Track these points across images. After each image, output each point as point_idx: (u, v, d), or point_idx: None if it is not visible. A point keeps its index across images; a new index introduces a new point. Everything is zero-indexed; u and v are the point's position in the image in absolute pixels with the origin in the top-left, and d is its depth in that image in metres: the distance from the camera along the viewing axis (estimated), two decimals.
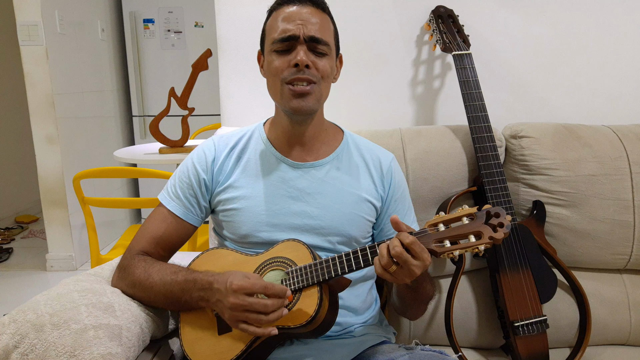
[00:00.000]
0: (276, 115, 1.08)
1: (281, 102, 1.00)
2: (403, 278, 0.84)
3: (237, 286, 0.85)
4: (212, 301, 0.90)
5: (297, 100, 0.97)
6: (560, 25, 1.50)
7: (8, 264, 3.04)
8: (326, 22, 1.00)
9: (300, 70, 0.95)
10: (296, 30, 0.95)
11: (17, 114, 3.77)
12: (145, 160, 2.29)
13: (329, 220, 1.03)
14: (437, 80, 1.54)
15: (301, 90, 0.96)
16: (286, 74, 0.96)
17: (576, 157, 1.30)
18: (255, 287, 0.85)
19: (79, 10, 3.04)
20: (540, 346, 1.21)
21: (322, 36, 0.97)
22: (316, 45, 0.96)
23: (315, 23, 0.97)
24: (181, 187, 1.06)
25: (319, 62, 0.97)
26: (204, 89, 3.08)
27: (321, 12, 0.99)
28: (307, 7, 0.98)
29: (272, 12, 1.02)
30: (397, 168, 1.13)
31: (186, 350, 0.96)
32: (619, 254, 1.31)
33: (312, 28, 0.96)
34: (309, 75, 0.96)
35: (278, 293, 0.85)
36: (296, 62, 0.95)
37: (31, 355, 0.82)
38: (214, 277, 0.91)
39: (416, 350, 0.96)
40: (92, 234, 2.00)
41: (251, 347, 0.92)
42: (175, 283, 0.95)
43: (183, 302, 0.95)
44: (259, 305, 0.84)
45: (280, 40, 0.96)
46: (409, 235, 0.82)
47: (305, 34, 0.95)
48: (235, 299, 0.85)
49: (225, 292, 0.87)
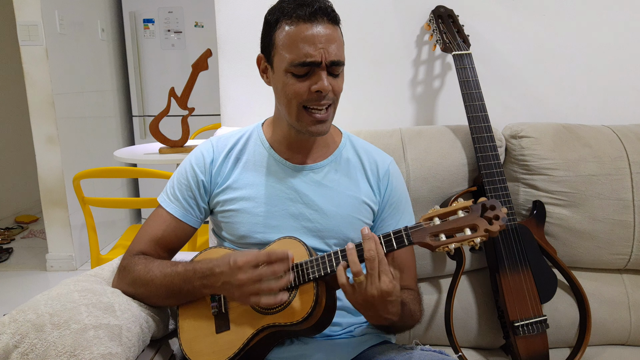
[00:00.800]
0: (277, 119, 1.07)
1: (297, 124, 0.99)
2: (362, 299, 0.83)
3: (242, 262, 0.87)
4: (217, 286, 0.91)
5: (317, 127, 0.97)
6: (560, 25, 1.50)
7: (8, 264, 3.04)
8: (341, 39, 0.97)
9: (322, 97, 0.94)
10: (318, 56, 0.91)
11: (17, 114, 3.77)
12: (145, 160, 2.29)
13: (327, 223, 1.03)
14: (437, 80, 1.54)
15: (322, 117, 0.96)
16: (306, 98, 0.94)
17: (576, 157, 1.30)
18: (259, 257, 0.87)
19: (79, 10, 3.04)
20: (540, 346, 1.21)
21: (341, 58, 0.95)
22: (335, 68, 0.94)
23: (335, 44, 0.93)
24: (180, 188, 1.06)
25: (335, 84, 0.96)
26: (204, 89, 3.08)
27: (337, 29, 0.96)
28: (324, 25, 0.92)
29: (280, 21, 0.95)
30: (395, 172, 1.12)
31: (185, 350, 0.97)
32: (619, 254, 1.31)
33: (332, 51, 0.92)
34: (327, 100, 0.95)
35: (280, 257, 0.87)
36: (319, 89, 0.92)
37: (31, 355, 0.82)
38: (213, 262, 0.92)
39: (416, 350, 0.96)
40: (92, 234, 2.01)
41: (249, 344, 0.92)
42: (175, 274, 0.96)
43: (185, 292, 0.96)
44: (269, 272, 0.86)
45: (301, 64, 0.92)
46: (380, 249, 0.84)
47: (327, 59, 0.92)
48: (244, 274, 0.87)
49: (230, 272, 0.88)
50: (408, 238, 0.84)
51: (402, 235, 0.85)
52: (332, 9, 0.95)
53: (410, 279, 1.08)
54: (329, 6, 0.94)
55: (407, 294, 1.03)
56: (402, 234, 0.85)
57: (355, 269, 0.82)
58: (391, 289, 0.82)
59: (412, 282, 1.09)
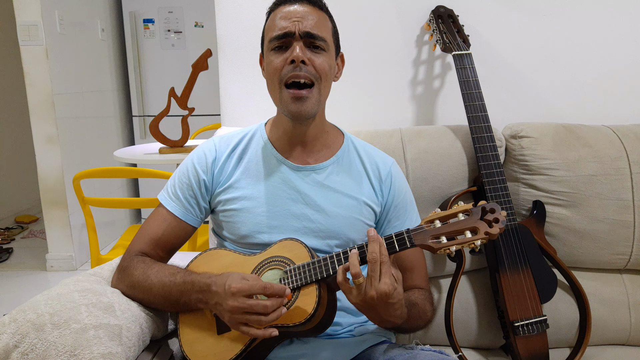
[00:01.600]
0: (277, 116, 1.08)
1: (281, 106, 1.00)
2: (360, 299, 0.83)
3: (235, 289, 0.85)
4: (211, 304, 0.90)
5: (296, 105, 0.97)
6: (560, 25, 1.50)
7: (8, 264, 3.04)
8: (323, 20, 1.00)
9: (297, 66, 0.95)
10: (292, 26, 0.95)
11: (17, 114, 3.77)
12: (145, 160, 2.29)
13: (329, 224, 1.03)
14: (437, 80, 1.54)
15: (298, 94, 0.96)
16: (284, 72, 0.96)
17: (576, 157, 1.30)
18: (254, 288, 0.85)
19: (79, 10, 3.04)
20: (540, 346, 1.21)
21: (319, 32, 0.97)
22: (313, 40, 0.96)
23: (311, 19, 0.97)
24: (181, 187, 1.07)
25: (316, 59, 0.97)
26: (204, 89, 3.08)
27: (318, 10, 0.99)
28: (304, 6, 0.98)
29: (270, 13, 1.02)
30: (397, 173, 1.12)
31: (185, 351, 0.97)
32: (619, 254, 1.31)
33: (307, 24, 0.96)
34: (306, 73, 0.95)
35: (277, 292, 0.85)
36: (292, 58, 0.95)
37: (31, 355, 0.82)
38: (212, 279, 0.90)
39: (416, 350, 0.96)
40: (92, 234, 2.01)
41: (250, 346, 0.92)
42: (173, 285, 0.95)
43: (182, 304, 0.95)
44: (259, 307, 0.84)
45: (277, 37, 0.97)
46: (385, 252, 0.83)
47: (301, 29, 0.95)
48: (235, 301, 0.84)
49: (224, 295, 0.86)
50: (410, 240, 0.85)
51: (404, 237, 0.85)
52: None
53: (420, 278, 1.09)
54: None
55: (417, 293, 1.04)
56: (404, 236, 0.85)
57: (355, 271, 0.82)
58: (391, 291, 0.81)
59: (423, 281, 1.10)
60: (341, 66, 1.08)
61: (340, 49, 1.07)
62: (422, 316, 1.00)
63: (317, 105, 0.99)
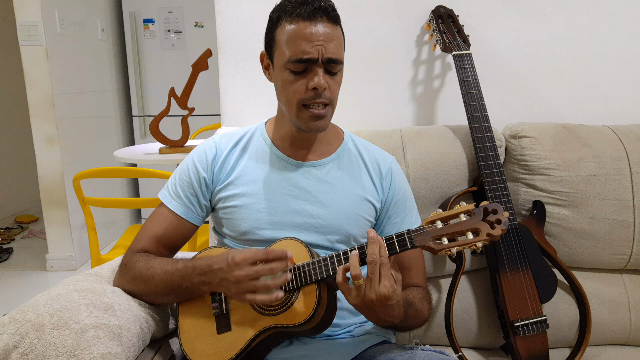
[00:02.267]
0: (280, 118, 1.08)
1: (297, 121, 1.00)
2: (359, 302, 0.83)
3: (240, 258, 0.87)
4: (215, 282, 0.91)
5: (315, 123, 0.98)
6: (561, 25, 1.50)
7: (8, 264, 3.04)
8: (340, 38, 0.97)
9: (318, 94, 0.95)
10: (315, 53, 0.92)
11: (17, 114, 3.77)
12: (145, 160, 2.29)
13: (329, 219, 1.03)
14: (437, 80, 1.54)
15: (319, 113, 0.97)
16: (305, 97, 0.96)
17: (576, 157, 1.30)
18: (257, 255, 0.88)
19: (79, 10, 3.04)
20: (540, 346, 1.21)
21: (339, 56, 0.96)
22: (332, 65, 0.95)
23: (332, 42, 0.94)
24: (181, 186, 1.07)
25: (332, 83, 0.97)
26: (204, 89, 3.08)
27: (336, 28, 0.96)
28: (323, 24, 0.93)
29: (282, 19, 0.96)
30: (397, 170, 1.13)
31: (185, 350, 0.97)
32: (619, 254, 1.31)
33: (330, 48, 0.93)
34: (324, 99, 0.96)
35: (279, 256, 0.87)
36: (315, 85, 0.94)
37: (31, 355, 0.82)
38: (212, 259, 0.92)
39: (416, 350, 0.96)
40: (92, 234, 2.00)
41: (250, 345, 0.92)
42: (175, 271, 0.96)
43: (184, 289, 0.96)
44: (266, 270, 0.87)
45: (298, 61, 0.93)
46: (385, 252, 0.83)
47: (324, 56, 0.93)
48: (240, 271, 0.87)
49: (228, 268, 0.89)
50: (411, 241, 0.84)
51: (404, 238, 0.85)
52: (332, 8, 0.95)
53: (418, 277, 1.09)
54: (329, 5, 0.95)
55: (415, 292, 1.04)
56: (405, 237, 0.85)
57: (355, 272, 0.82)
58: (390, 294, 0.81)
59: (421, 279, 1.10)
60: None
61: None
62: (419, 315, 1.00)
63: (330, 120, 1.01)
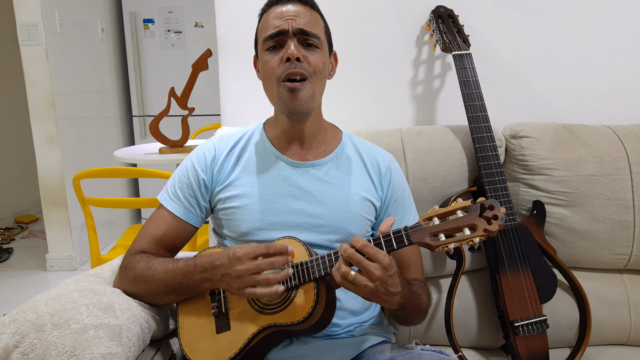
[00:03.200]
0: (275, 115, 1.09)
1: (278, 104, 1.01)
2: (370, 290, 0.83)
3: (241, 253, 0.88)
4: (217, 279, 0.92)
5: (292, 99, 0.97)
6: (561, 25, 1.50)
7: (8, 264, 3.04)
8: (315, 18, 1.01)
9: (292, 63, 0.96)
10: (285, 24, 0.97)
11: (17, 114, 3.77)
12: (145, 160, 2.29)
13: (329, 219, 1.03)
14: (437, 80, 1.54)
15: (292, 86, 0.97)
16: (280, 70, 0.97)
17: (576, 157, 1.30)
18: (258, 249, 0.88)
19: (79, 10, 3.04)
20: (540, 346, 1.21)
21: (312, 29, 0.98)
22: (306, 38, 0.98)
23: (304, 18, 0.98)
24: (181, 187, 1.07)
25: (310, 56, 0.98)
26: (204, 89, 3.08)
27: (310, 9, 1.01)
28: (296, 5, 1.00)
29: (262, 14, 1.04)
30: (397, 168, 1.13)
31: (185, 350, 0.97)
32: (619, 254, 1.31)
33: (300, 21, 0.98)
34: (301, 69, 0.96)
35: (280, 250, 0.88)
36: (288, 55, 0.96)
37: (31, 355, 0.82)
38: (213, 256, 0.93)
39: (416, 350, 0.96)
40: (92, 234, 2.00)
41: (249, 345, 0.92)
42: (176, 269, 0.96)
43: (186, 287, 0.96)
44: (267, 264, 0.87)
45: (270, 37, 0.98)
46: (360, 239, 0.83)
47: (294, 27, 0.97)
48: (242, 265, 0.88)
49: (229, 263, 0.89)
50: (408, 238, 0.85)
51: (401, 235, 0.85)
52: None
53: (417, 273, 1.10)
54: None
55: (414, 282, 1.05)
56: (402, 234, 0.85)
57: (342, 271, 0.83)
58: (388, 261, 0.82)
59: (420, 274, 1.11)
60: (334, 64, 1.10)
61: (332, 48, 1.08)
62: (419, 298, 1.00)
63: (311, 100, 0.99)
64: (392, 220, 0.88)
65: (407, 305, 0.94)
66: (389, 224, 0.87)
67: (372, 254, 0.82)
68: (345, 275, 0.82)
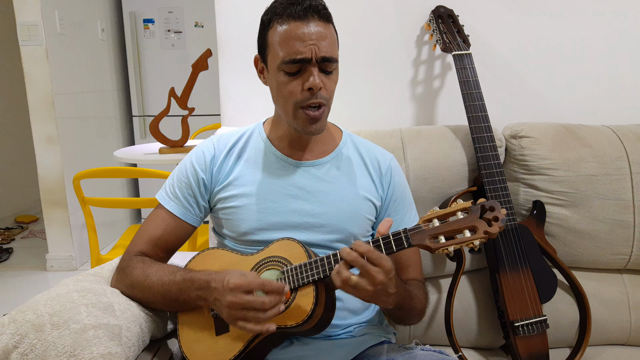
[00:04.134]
0: (277, 119, 1.08)
1: (294, 123, 1.00)
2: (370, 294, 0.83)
3: (234, 284, 0.85)
4: (210, 300, 0.90)
5: (312, 126, 0.97)
6: (561, 25, 1.50)
7: (8, 264, 3.04)
8: (333, 36, 0.97)
9: (314, 94, 0.94)
10: (308, 52, 0.92)
11: (17, 114, 3.77)
12: (145, 160, 2.29)
13: (329, 218, 1.03)
14: (437, 80, 1.54)
15: (314, 115, 0.96)
16: (300, 98, 0.95)
17: (576, 157, 1.30)
18: (252, 284, 0.85)
19: (79, 10, 3.04)
20: (540, 346, 1.21)
21: (333, 54, 0.95)
22: (327, 64, 0.95)
23: (326, 42, 0.93)
24: (180, 187, 1.06)
25: (327, 82, 0.96)
26: (204, 89, 3.08)
27: (328, 26, 0.96)
28: (315, 22, 0.93)
29: (273, 21, 0.96)
30: (397, 168, 1.13)
31: (185, 352, 0.97)
32: (619, 254, 1.31)
33: (323, 47, 0.93)
34: (321, 99, 0.95)
35: (276, 290, 0.85)
36: (311, 86, 0.93)
37: (31, 355, 0.82)
38: (211, 276, 0.91)
39: (416, 350, 0.96)
40: (92, 234, 2.00)
41: (249, 347, 0.92)
42: (173, 283, 0.95)
43: (181, 302, 0.95)
44: (257, 303, 0.84)
45: (292, 62, 0.93)
46: (362, 244, 0.83)
47: (318, 55, 0.92)
48: (233, 297, 0.85)
49: (222, 290, 0.87)
50: (407, 240, 0.84)
51: (401, 237, 0.85)
52: (323, 6, 0.95)
53: (415, 272, 1.10)
54: (320, 4, 0.95)
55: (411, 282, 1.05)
56: (402, 236, 0.85)
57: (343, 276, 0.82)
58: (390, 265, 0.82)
59: (418, 275, 1.11)
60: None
61: None
62: (414, 297, 1.00)
63: (325, 123, 1.01)
64: (390, 221, 0.87)
65: (402, 305, 0.94)
66: (387, 225, 0.87)
67: (375, 258, 0.81)
68: (347, 281, 0.81)
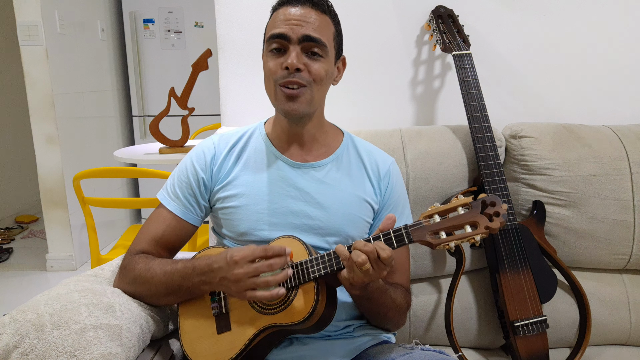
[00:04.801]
0: (276, 115, 1.08)
1: (275, 103, 1.01)
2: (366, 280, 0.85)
3: (239, 257, 0.88)
4: (215, 282, 0.91)
5: (289, 104, 0.97)
6: (560, 25, 1.50)
7: (8, 264, 3.04)
8: (325, 23, 0.98)
9: (291, 73, 0.95)
10: (289, 30, 0.94)
11: (17, 114, 3.77)
12: (145, 160, 2.29)
13: (328, 221, 1.03)
14: (437, 80, 1.54)
15: (290, 93, 0.96)
16: (278, 76, 0.96)
17: (576, 157, 1.30)
18: (255, 252, 0.88)
19: (79, 10, 3.04)
20: (540, 346, 1.21)
21: (319, 35, 0.95)
22: (312, 45, 0.95)
23: (312, 22, 0.95)
24: (180, 186, 1.06)
25: (312, 64, 0.96)
26: (204, 89, 3.08)
27: (321, 13, 0.97)
28: (306, 9, 0.96)
29: (273, 11, 1.01)
30: (396, 172, 1.12)
31: (186, 350, 0.97)
32: (619, 254, 1.31)
33: (307, 27, 0.94)
34: (299, 79, 0.95)
35: (278, 252, 0.88)
36: (286, 64, 0.94)
37: (31, 355, 0.82)
38: (211, 259, 0.92)
39: (416, 350, 0.96)
40: (92, 234, 2.00)
41: (250, 345, 0.92)
42: (175, 271, 0.96)
43: (184, 289, 0.96)
44: (264, 267, 0.87)
45: (272, 37, 0.96)
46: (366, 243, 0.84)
47: (299, 33, 0.94)
48: (240, 269, 0.87)
49: (227, 267, 0.89)
50: (408, 236, 0.84)
51: (402, 233, 0.85)
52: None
53: (401, 278, 1.08)
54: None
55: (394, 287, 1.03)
56: (402, 232, 0.85)
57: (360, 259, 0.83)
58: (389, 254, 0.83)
59: (404, 280, 1.09)
60: (342, 69, 1.08)
61: (342, 53, 1.06)
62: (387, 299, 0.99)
63: (309, 105, 0.99)
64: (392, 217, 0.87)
65: (371, 296, 0.94)
66: (389, 221, 0.87)
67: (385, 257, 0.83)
68: (362, 265, 0.82)
